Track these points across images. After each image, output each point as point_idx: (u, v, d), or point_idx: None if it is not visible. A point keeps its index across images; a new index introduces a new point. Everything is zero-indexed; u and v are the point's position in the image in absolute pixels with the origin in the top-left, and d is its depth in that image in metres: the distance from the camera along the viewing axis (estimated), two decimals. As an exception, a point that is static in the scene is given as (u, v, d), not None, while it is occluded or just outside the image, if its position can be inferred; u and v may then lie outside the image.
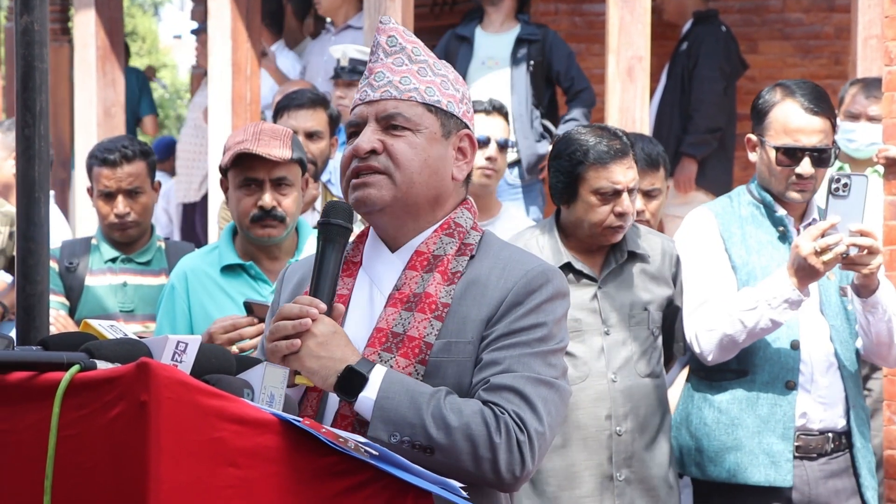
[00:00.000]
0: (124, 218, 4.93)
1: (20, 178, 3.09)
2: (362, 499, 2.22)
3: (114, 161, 4.90)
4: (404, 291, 2.57)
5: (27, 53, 3.08)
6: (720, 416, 4.15)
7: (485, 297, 2.55)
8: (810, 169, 4.10)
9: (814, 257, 3.90)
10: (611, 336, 4.07)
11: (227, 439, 2.08)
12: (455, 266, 2.59)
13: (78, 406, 2.08)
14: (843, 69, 9.10)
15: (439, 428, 2.40)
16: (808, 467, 4.12)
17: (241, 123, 7.73)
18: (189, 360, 2.21)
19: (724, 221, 4.22)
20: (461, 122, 2.66)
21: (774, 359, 4.12)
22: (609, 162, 4.05)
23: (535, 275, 2.56)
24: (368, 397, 2.43)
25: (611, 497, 4.01)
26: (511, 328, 2.52)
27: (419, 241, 2.62)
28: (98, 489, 2.05)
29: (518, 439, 2.43)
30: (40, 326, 3.09)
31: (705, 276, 4.16)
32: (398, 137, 2.58)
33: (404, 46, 2.64)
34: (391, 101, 2.59)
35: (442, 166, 2.62)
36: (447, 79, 2.66)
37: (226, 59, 7.73)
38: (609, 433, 4.03)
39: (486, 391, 2.47)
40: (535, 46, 7.39)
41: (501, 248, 2.65)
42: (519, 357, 2.50)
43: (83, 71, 8.39)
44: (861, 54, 6.59)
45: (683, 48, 7.99)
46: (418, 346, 2.52)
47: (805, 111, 4.11)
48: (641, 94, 6.79)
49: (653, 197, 4.91)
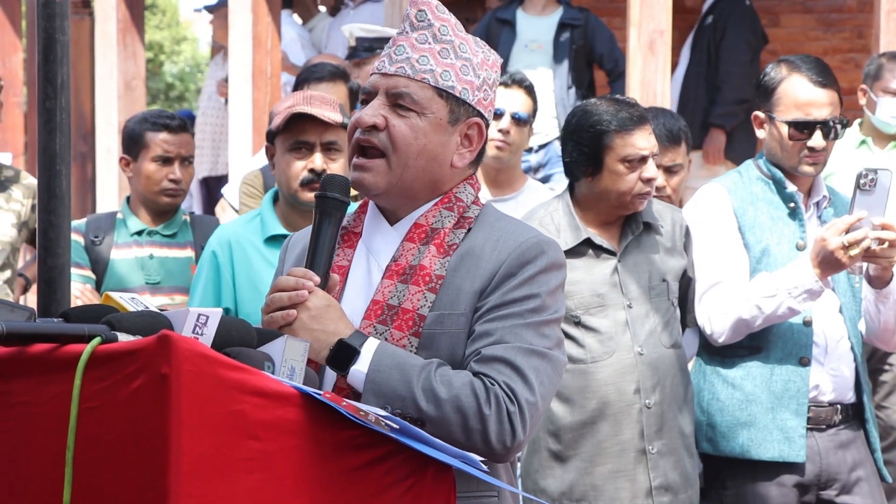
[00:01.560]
0: (178, 185, 4.97)
1: (41, 150, 3.09)
2: (383, 472, 2.22)
3: (175, 127, 4.96)
4: (401, 263, 2.59)
5: (48, 26, 3.08)
6: (733, 392, 4.15)
7: (478, 269, 2.56)
8: (822, 142, 4.11)
9: (841, 251, 3.91)
10: (633, 309, 4.06)
11: (247, 412, 2.08)
12: (452, 238, 2.60)
13: (99, 378, 2.09)
14: (865, 42, 9.06)
15: (429, 400, 2.42)
16: (819, 438, 4.14)
17: (261, 97, 7.73)
18: (210, 333, 2.21)
19: (738, 198, 4.21)
20: (473, 109, 2.65)
21: (788, 335, 4.13)
22: (633, 129, 4.04)
23: (529, 246, 2.57)
24: (360, 371, 2.46)
25: (644, 470, 4.00)
26: (504, 299, 2.53)
27: (418, 213, 2.64)
28: (119, 461, 2.06)
29: (508, 410, 2.45)
30: (61, 299, 3.10)
31: (718, 256, 4.16)
32: (402, 118, 2.58)
33: (432, 23, 2.62)
34: (403, 79, 2.59)
35: (441, 153, 2.62)
36: (470, 63, 2.63)
37: (246, 32, 7.72)
38: (639, 407, 4.02)
39: (478, 362, 2.49)
40: (577, 30, 7.51)
41: (497, 220, 2.66)
42: (511, 328, 2.51)
43: (104, 44, 8.40)
44: (884, 27, 6.56)
45: (709, 22, 7.98)
46: (412, 319, 2.54)
47: (814, 84, 4.11)
48: (663, 68, 6.77)
49: (674, 172, 4.89)
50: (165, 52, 27.62)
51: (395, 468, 2.23)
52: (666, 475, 4.02)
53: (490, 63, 2.68)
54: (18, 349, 2.18)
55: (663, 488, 4.02)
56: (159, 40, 26.60)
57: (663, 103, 6.52)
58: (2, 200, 5.09)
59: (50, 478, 2.12)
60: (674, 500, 4.04)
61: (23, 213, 5.13)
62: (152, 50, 25.13)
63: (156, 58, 25.73)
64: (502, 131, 5.31)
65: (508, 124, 5.33)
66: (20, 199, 5.13)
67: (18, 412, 2.20)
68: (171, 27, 29.12)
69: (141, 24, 8.58)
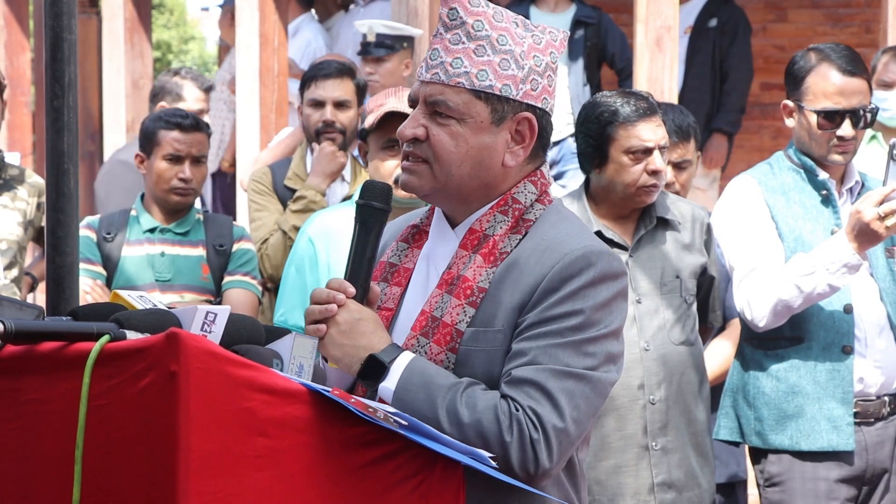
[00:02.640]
0: (188, 184, 4.97)
1: (49, 149, 3.10)
2: (391, 469, 2.22)
3: (188, 126, 4.96)
4: (452, 272, 2.50)
5: (56, 24, 3.09)
6: (778, 385, 4.13)
7: (520, 283, 2.44)
8: (851, 131, 4.10)
9: (877, 222, 3.91)
10: (643, 304, 4.05)
11: (256, 409, 2.08)
12: (505, 245, 2.49)
13: (108, 376, 2.09)
14: (873, 37, 9.04)
15: (451, 423, 2.34)
16: (867, 433, 4.12)
17: (268, 95, 7.73)
18: (218, 331, 2.21)
19: (768, 189, 4.19)
20: (520, 104, 2.51)
21: (829, 324, 4.11)
22: (637, 120, 4.03)
23: (574, 258, 2.43)
24: (388, 388, 2.39)
25: (647, 467, 4.00)
26: (542, 316, 2.41)
27: (474, 218, 2.54)
28: (128, 458, 2.06)
29: (531, 437, 2.34)
30: (70, 297, 3.11)
31: (753, 243, 4.14)
32: (442, 126, 2.49)
33: (465, 21, 2.50)
34: (438, 86, 2.49)
35: (488, 156, 2.51)
36: (511, 55, 2.50)
37: (253, 30, 7.72)
38: (643, 403, 4.02)
39: (507, 384, 2.39)
40: (591, 28, 7.55)
41: (554, 225, 2.52)
42: (546, 348, 2.39)
43: (111, 43, 8.40)
44: (892, 22, 6.55)
45: (713, 24, 7.99)
46: (449, 334, 2.45)
47: (843, 73, 4.10)
48: (670, 65, 6.76)
49: (683, 168, 4.88)
50: (173, 52, 27.63)
51: (404, 465, 2.23)
52: (669, 472, 4.01)
53: (542, 46, 2.53)
54: (27, 347, 2.19)
55: (666, 485, 4.01)
56: (167, 39, 26.62)
57: (671, 99, 6.52)
58: (7, 199, 5.09)
59: (59, 475, 2.12)
60: (677, 497, 4.02)
61: (28, 212, 5.13)
62: (160, 49, 25.15)
63: (163, 57, 25.75)
64: None
65: None
66: (25, 197, 5.13)
67: (28, 409, 2.21)
68: (179, 26, 29.14)
69: (148, 23, 8.58)
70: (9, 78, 9.18)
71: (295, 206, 5.24)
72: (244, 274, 4.99)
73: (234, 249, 5.02)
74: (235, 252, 5.02)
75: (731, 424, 4.23)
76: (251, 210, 5.51)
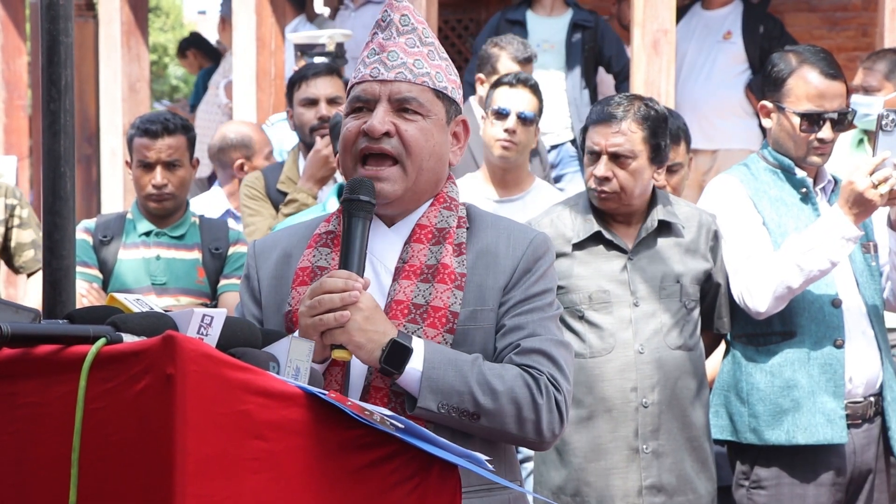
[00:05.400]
0: (161, 189, 4.95)
1: (45, 152, 3.10)
2: (388, 471, 2.22)
3: (155, 132, 4.93)
4: (414, 264, 2.60)
5: (52, 28, 3.08)
6: (773, 380, 4.14)
7: (497, 266, 2.63)
8: (832, 133, 4.13)
9: (871, 190, 3.94)
10: (640, 308, 4.05)
11: (252, 412, 2.08)
12: (458, 237, 2.64)
13: (104, 379, 2.09)
14: (870, 41, 9.04)
15: (485, 394, 2.48)
16: (854, 434, 4.14)
17: (265, 98, 7.73)
18: (215, 334, 2.21)
19: (750, 187, 4.21)
20: (459, 107, 2.70)
21: (819, 318, 4.13)
22: (593, 123, 4.07)
23: (539, 242, 2.66)
24: (416, 369, 2.47)
25: (637, 470, 4.00)
26: (527, 294, 2.62)
27: (417, 215, 2.66)
28: (125, 461, 2.06)
29: (556, 399, 2.54)
30: (66, 301, 3.11)
31: (744, 234, 4.16)
32: (410, 122, 2.61)
33: (415, 27, 2.65)
34: (405, 84, 2.61)
35: (444, 152, 2.68)
36: (449, 63, 2.69)
37: (250, 34, 7.72)
38: (635, 405, 4.02)
39: (518, 355, 2.56)
40: (588, 32, 7.56)
41: (496, 219, 2.73)
42: (539, 321, 2.60)
43: (108, 46, 8.40)
44: (888, 25, 6.56)
45: (762, 31, 8.00)
46: (444, 316, 2.56)
47: (825, 76, 4.12)
48: (667, 68, 6.77)
49: (674, 171, 4.88)
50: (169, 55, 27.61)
51: (401, 467, 2.23)
52: (660, 476, 4.01)
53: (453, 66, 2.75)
54: (24, 350, 2.18)
55: (655, 489, 4.00)
56: (163, 42, 26.60)
57: (668, 103, 6.52)
58: None
59: (56, 478, 2.12)
60: (667, 501, 4.01)
61: None
62: (156, 52, 25.14)
63: (160, 60, 25.74)
64: (508, 131, 5.31)
65: (514, 124, 5.32)
66: None
67: (25, 413, 2.20)
68: (175, 29, 29.13)
69: (145, 27, 8.58)
70: (5, 81, 9.19)
71: (287, 209, 5.22)
72: (240, 277, 4.97)
73: (230, 253, 5.01)
74: (231, 255, 5.01)
75: (721, 423, 4.24)
76: (244, 215, 5.51)
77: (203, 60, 11.35)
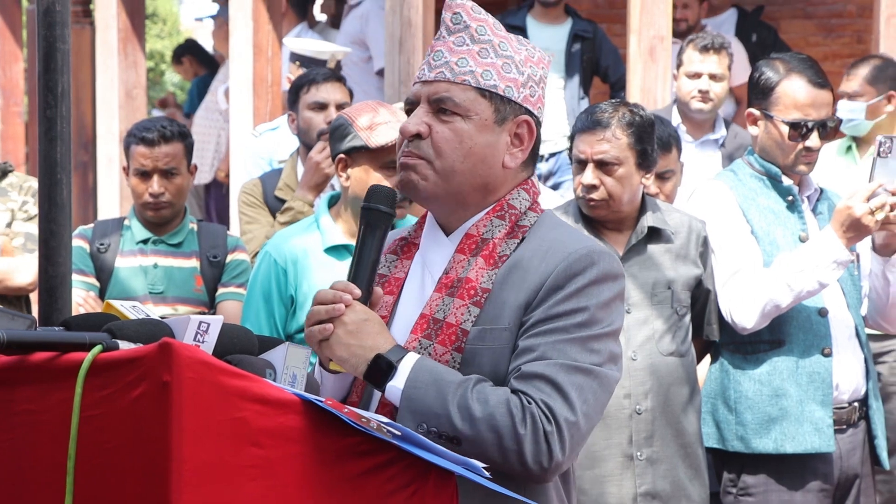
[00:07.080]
0: (159, 197, 4.93)
1: (42, 159, 3.10)
2: (385, 479, 2.22)
3: (152, 140, 4.91)
4: (451, 276, 2.52)
5: (49, 34, 3.08)
6: (761, 388, 4.14)
7: (524, 282, 2.47)
8: (819, 142, 4.14)
9: (868, 216, 3.94)
10: (631, 314, 4.05)
11: (249, 419, 2.07)
12: (503, 249, 2.52)
13: (100, 386, 2.08)
14: (865, 48, 9.06)
15: (464, 419, 2.35)
16: (840, 440, 4.15)
17: (262, 105, 7.73)
18: (211, 341, 2.21)
19: (739, 193, 4.22)
20: (520, 107, 2.56)
21: (807, 327, 4.14)
22: (579, 132, 4.08)
23: (578, 257, 2.47)
24: (396, 387, 2.40)
25: (631, 477, 3.99)
26: (549, 313, 2.44)
27: (470, 223, 2.57)
28: (121, 469, 2.06)
29: (545, 430, 2.36)
30: (62, 307, 3.10)
31: (733, 246, 4.16)
32: (445, 123, 2.52)
33: (468, 25, 2.55)
34: (443, 84, 2.52)
35: (490, 154, 2.54)
36: (511, 61, 2.55)
37: (247, 40, 7.72)
38: (629, 412, 4.01)
39: (517, 379, 2.41)
40: (587, 43, 7.62)
41: (551, 230, 2.56)
42: (555, 343, 2.41)
43: (105, 53, 8.41)
44: (884, 32, 6.56)
45: (755, 39, 8.05)
46: (455, 334, 2.47)
47: (813, 85, 4.13)
48: (663, 74, 6.78)
49: (666, 179, 4.88)
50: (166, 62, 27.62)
51: (398, 475, 2.23)
52: (654, 483, 4.00)
53: (535, 60, 2.60)
54: (20, 357, 2.18)
55: (650, 496, 4.00)
56: (160, 49, 26.60)
57: (662, 109, 6.51)
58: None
59: (52, 485, 2.12)
60: None
61: None
62: (153, 59, 25.13)
63: (157, 67, 25.73)
64: None
65: None
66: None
67: (21, 420, 2.20)
68: (172, 36, 29.13)
69: (142, 33, 8.59)
70: (2, 88, 9.19)
71: (283, 217, 5.16)
72: (238, 285, 4.96)
73: (229, 260, 4.99)
74: (230, 263, 4.99)
75: (708, 430, 4.24)
76: (242, 223, 5.49)
77: (198, 67, 11.37)
